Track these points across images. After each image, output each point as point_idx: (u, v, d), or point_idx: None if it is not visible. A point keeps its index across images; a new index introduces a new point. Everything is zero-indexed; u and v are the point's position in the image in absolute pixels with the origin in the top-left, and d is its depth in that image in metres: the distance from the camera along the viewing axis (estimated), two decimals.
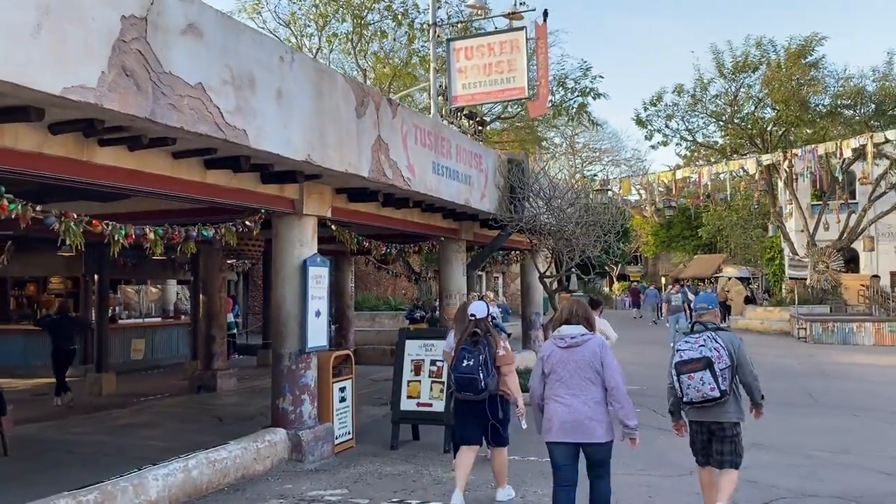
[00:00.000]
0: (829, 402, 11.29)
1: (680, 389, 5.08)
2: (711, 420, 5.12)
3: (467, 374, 5.58)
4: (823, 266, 25.41)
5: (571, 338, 4.73)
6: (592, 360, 4.65)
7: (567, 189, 11.37)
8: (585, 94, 22.92)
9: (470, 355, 5.61)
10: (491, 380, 5.61)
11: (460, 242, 11.62)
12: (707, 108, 28.74)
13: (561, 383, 4.68)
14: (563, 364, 4.69)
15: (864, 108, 25.27)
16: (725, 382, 4.98)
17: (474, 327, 5.75)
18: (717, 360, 4.98)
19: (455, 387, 5.74)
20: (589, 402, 4.61)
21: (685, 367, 5.03)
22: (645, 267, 72.14)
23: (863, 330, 21.92)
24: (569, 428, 4.62)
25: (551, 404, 4.70)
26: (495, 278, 36.59)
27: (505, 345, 5.90)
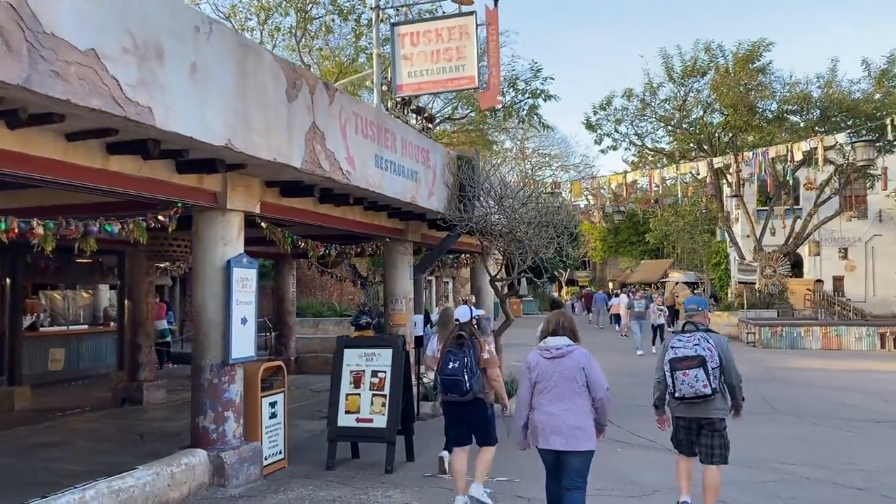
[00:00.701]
0: (786, 409, 10.93)
1: (673, 385, 5.28)
2: (701, 416, 5.36)
3: (452, 377, 5.72)
4: (771, 270, 25.51)
5: (557, 349, 4.81)
6: (577, 371, 4.73)
7: (519, 188, 10.76)
8: (536, 95, 22.48)
9: (455, 358, 5.74)
10: (476, 381, 5.73)
11: (407, 244, 10.91)
12: (656, 113, 28.67)
13: (546, 393, 4.78)
14: (548, 375, 4.79)
15: (810, 114, 25.47)
16: (716, 381, 5.24)
17: (459, 330, 5.88)
18: (710, 359, 5.24)
19: (441, 389, 5.88)
20: (573, 411, 4.69)
21: (680, 364, 5.25)
22: (593, 272, 72.55)
23: (811, 334, 21.97)
24: (551, 435, 4.72)
25: (537, 413, 4.82)
26: (445, 283, 35.93)
27: (490, 348, 5.98)
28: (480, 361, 5.83)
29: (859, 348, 21.28)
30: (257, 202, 7.22)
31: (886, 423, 9.81)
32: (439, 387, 5.91)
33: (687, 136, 28.05)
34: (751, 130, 25.74)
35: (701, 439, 5.42)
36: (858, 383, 13.87)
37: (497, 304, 16.15)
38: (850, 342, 21.51)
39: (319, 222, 8.63)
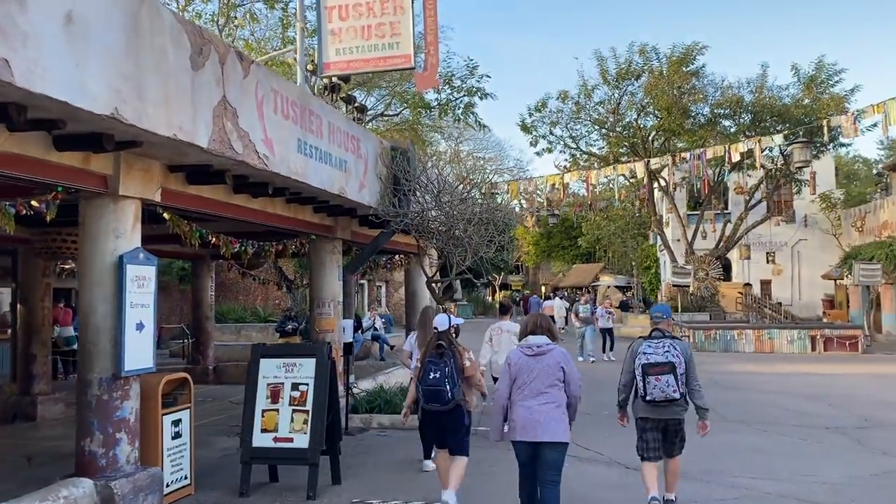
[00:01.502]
0: (733, 415, 10.50)
1: (644, 388, 5.56)
2: (668, 417, 5.67)
3: (434, 387, 5.73)
4: (703, 274, 25.58)
5: (538, 347, 5.09)
6: (555, 369, 5.02)
7: (458, 183, 10.03)
8: (472, 93, 21.87)
9: (436, 368, 5.76)
10: (457, 390, 5.78)
11: (335, 242, 10.00)
12: (590, 116, 28.50)
13: (527, 389, 5.01)
14: (529, 371, 5.04)
15: (741, 118, 25.68)
16: (683, 386, 5.56)
17: (437, 339, 5.93)
18: (679, 365, 5.53)
19: (422, 399, 5.87)
20: (552, 405, 4.95)
21: (653, 370, 5.52)
22: (526, 276, 72.71)
23: (744, 337, 22.01)
24: (529, 428, 4.92)
25: (516, 408, 5.03)
26: (378, 287, 34.97)
27: (469, 355, 6.06)
28: (463, 369, 5.89)
29: (791, 351, 21.41)
30: (158, 189, 6.22)
31: (836, 429, 9.46)
32: (420, 397, 5.91)
33: (620, 139, 27.95)
34: (683, 134, 25.78)
35: (667, 438, 5.79)
36: (799, 387, 13.67)
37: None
38: (782, 345, 21.63)
39: (234, 215, 7.65)
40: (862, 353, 20.81)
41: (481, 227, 9.96)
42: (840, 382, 14.38)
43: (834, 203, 33.29)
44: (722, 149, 18.31)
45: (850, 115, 15.17)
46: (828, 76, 24.37)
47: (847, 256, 26.49)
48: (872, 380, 14.87)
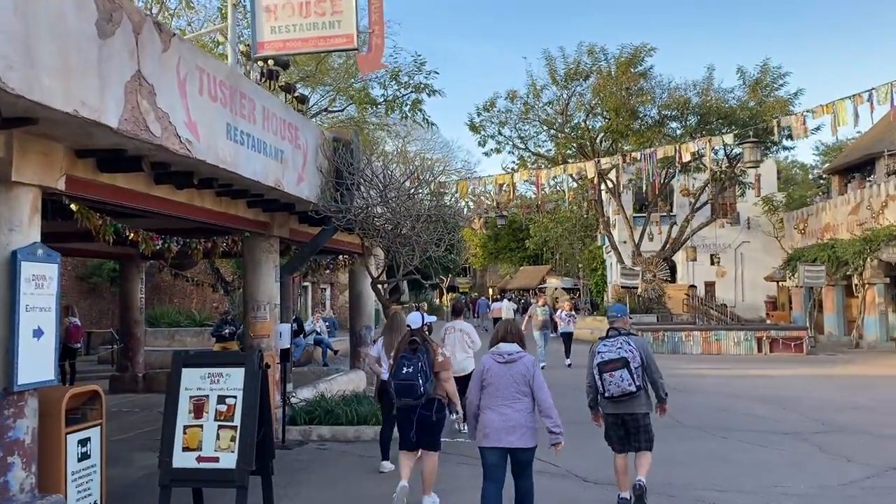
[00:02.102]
0: (690, 420, 10.16)
1: (602, 386, 5.82)
2: (626, 412, 5.88)
3: (406, 381, 5.83)
4: (651, 275, 25.53)
5: (509, 354, 5.22)
6: (525, 375, 5.16)
7: (406, 178, 9.42)
8: (420, 89, 21.26)
9: (409, 363, 5.87)
10: (430, 385, 5.88)
11: (272, 240, 9.27)
12: (539, 116, 28.22)
13: (497, 395, 5.14)
14: (499, 377, 5.17)
15: (688, 120, 25.74)
16: (639, 379, 5.79)
17: (411, 336, 6.06)
18: (632, 360, 5.77)
19: (395, 394, 5.96)
20: (521, 411, 5.09)
21: (607, 367, 5.79)
22: (474, 278, 72.45)
23: (691, 339, 21.98)
24: (503, 434, 5.05)
25: (488, 413, 5.15)
26: (322, 290, 34.04)
27: (443, 351, 6.19)
28: (435, 365, 5.98)
29: (738, 352, 21.45)
30: (61, 176, 5.43)
31: (794, 434, 9.18)
32: (393, 392, 5.99)
33: (569, 140, 27.74)
34: (631, 136, 25.70)
35: (629, 432, 5.96)
36: (751, 389, 13.48)
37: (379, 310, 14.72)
38: (728, 346, 21.66)
39: (156, 209, 6.87)
40: (806, 354, 20.98)
41: (429, 226, 9.38)
42: (790, 385, 14.27)
43: (776, 206, 33.83)
44: (672, 149, 18.16)
45: (799, 116, 15.16)
46: (773, 79, 24.60)
47: (790, 258, 26.83)
48: (821, 381, 14.82)
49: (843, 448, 8.28)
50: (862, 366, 17.95)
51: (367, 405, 9.55)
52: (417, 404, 5.86)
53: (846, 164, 28.20)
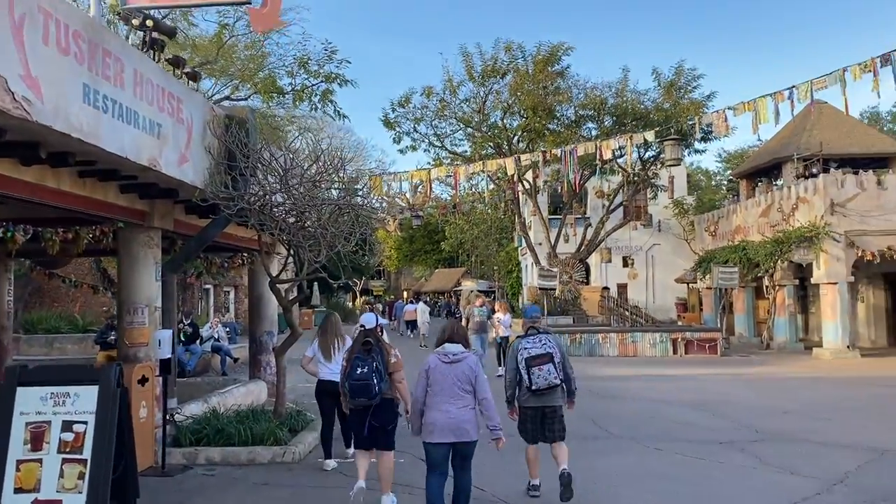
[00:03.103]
0: (619, 431, 9.46)
1: (529, 380, 6.12)
2: (547, 404, 6.23)
3: (361, 381, 5.85)
4: (567, 277, 25.17)
5: (454, 354, 5.48)
6: (469, 374, 5.43)
7: (311, 162, 8.29)
8: (331, 79, 20.05)
9: (363, 363, 5.90)
10: (384, 385, 5.93)
11: (151, 232, 7.97)
12: (455, 114, 27.47)
13: (443, 393, 5.39)
14: (444, 376, 5.42)
15: (604, 121, 25.55)
16: (561, 373, 6.21)
17: (365, 337, 6.07)
18: (555, 355, 6.18)
19: (349, 394, 5.95)
20: (464, 408, 5.36)
21: (535, 361, 6.12)
22: (388, 281, 71.29)
23: (608, 341, 21.65)
24: (448, 431, 5.31)
25: (433, 411, 5.38)
26: (226, 292, 32.17)
27: (395, 352, 6.24)
28: (389, 365, 6.05)
29: (654, 354, 21.28)
30: None
31: (731, 444, 8.60)
32: (347, 393, 5.98)
33: (486, 138, 27.10)
34: (548, 136, 25.29)
35: (545, 424, 6.29)
36: (675, 393, 13.02)
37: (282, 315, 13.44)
38: (644, 348, 21.46)
39: None
40: (720, 355, 21.00)
41: (338, 218, 8.31)
42: (712, 387, 13.93)
43: (686, 209, 34.32)
44: (593, 146, 17.71)
45: (721, 113, 14.94)
46: (687, 81, 24.71)
47: (702, 260, 27.06)
48: (741, 384, 14.57)
49: (784, 459, 7.72)
50: (776, 367, 17.97)
51: (264, 422, 8.39)
52: (372, 404, 5.92)
53: (754, 168, 28.68)
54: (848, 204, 20.03)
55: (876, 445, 8.35)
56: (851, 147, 25.04)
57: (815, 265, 20.47)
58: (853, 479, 6.88)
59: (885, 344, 23.22)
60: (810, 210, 20.71)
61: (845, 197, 20.09)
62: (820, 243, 20.01)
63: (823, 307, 20.74)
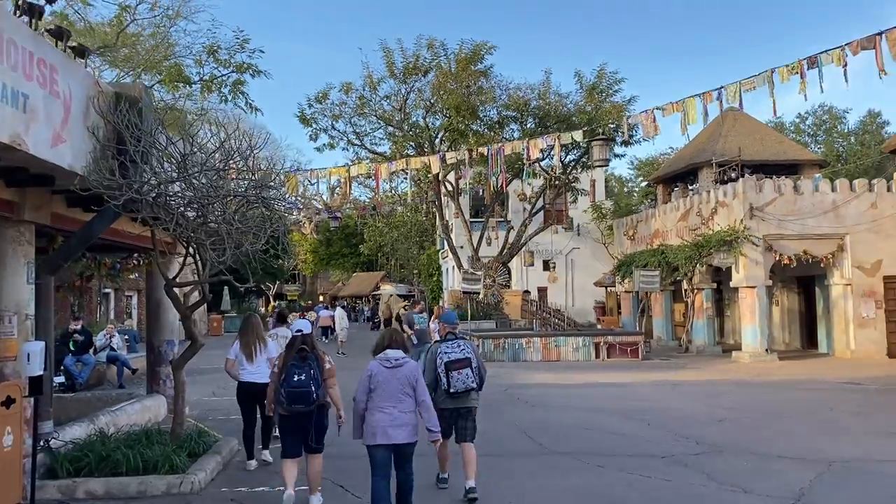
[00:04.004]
0: (555, 445, 8.82)
1: (448, 383, 6.45)
2: (463, 405, 6.59)
3: (300, 388, 5.95)
4: (490, 280, 24.64)
5: (396, 360, 5.64)
6: (410, 379, 5.62)
7: (215, 149, 7.26)
8: (242, 70, 18.79)
9: (300, 370, 6.01)
10: (321, 391, 6.08)
11: (23, 227, 6.77)
12: (376, 111, 26.57)
13: (386, 397, 5.54)
14: (387, 381, 5.57)
15: (527, 122, 25.20)
16: (477, 377, 6.57)
17: (301, 343, 6.14)
18: (473, 360, 6.55)
19: (286, 401, 5.98)
20: (406, 411, 5.57)
21: (454, 366, 6.47)
22: (303, 285, 69.38)
23: (532, 346, 21.20)
24: (391, 432, 5.47)
25: (377, 414, 5.52)
26: (128, 297, 30.11)
27: (329, 359, 6.35)
28: (324, 371, 6.15)
29: (577, 358, 20.96)
30: None
31: (674, 458, 8.07)
32: (283, 399, 6.00)
33: (407, 138, 26.30)
34: (471, 136, 24.72)
35: (459, 423, 6.57)
36: (607, 401, 12.55)
37: None
38: (568, 353, 21.12)
39: None
40: (642, 359, 20.89)
41: (246, 212, 7.32)
42: (641, 394, 13.57)
43: (605, 213, 34.53)
44: (521, 144, 17.17)
45: (650, 113, 14.67)
46: (608, 85, 24.65)
47: (621, 264, 27.10)
48: (668, 389, 14.28)
49: (733, 475, 7.23)
50: (698, 371, 17.91)
51: (159, 446, 7.29)
52: (310, 410, 6.01)
53: (671, 174, 29.03)
54: (766, 208, 20.28)
55: (821, 456, 8.01)
56: (764, 154, 25.62)
57: (735, 269, 20.63)
58: (810, 497, 6.44)
59: (799, 346, 23.75)
60: (730, 214, 20.88)
61: (764, 201, 20.33)
62: (739, 247, 20.18)
63: (742, 310, 20.94)
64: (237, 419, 9.61)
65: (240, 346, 7.82)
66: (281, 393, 5.98)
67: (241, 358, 7.79)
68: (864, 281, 20.13)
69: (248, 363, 7.76)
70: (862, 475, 7.26)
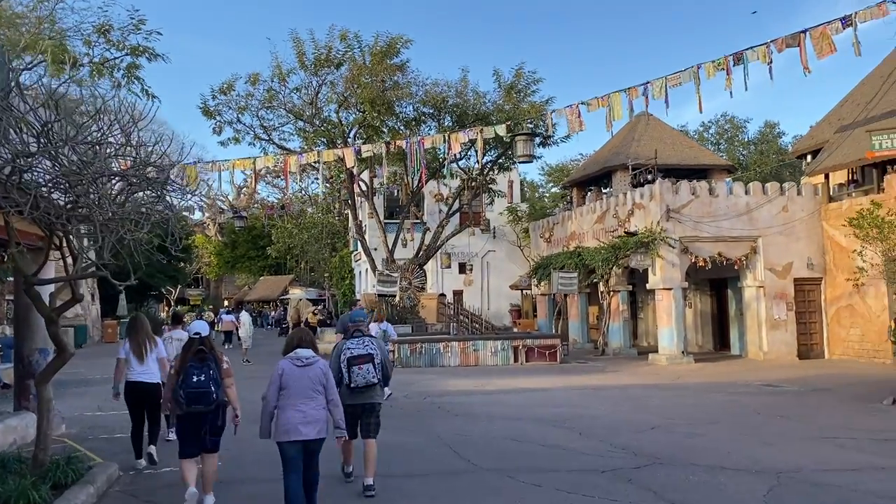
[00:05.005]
0: (485, 461, 7.98)
1: (349, 377, 6.63)
2: (365, 401, 6.79)
3: (200, 389, 5.98)
4: (406, 283, 23.73)
5: (307, 359, 5.78)
6: (320, 377, 5.77)
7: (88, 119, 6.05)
8: (138, 52, 17.17)
9: (200, 371, 6.02)
10: (220, 392, 6.10)
11: None
12: (285, 104, 25.20)
13: (297, 395, 5.67)
14: (298, 379, 5.71)
15: (445, 120, 24.47)
16: (380, 373, 6.76)
17: (199, 345, 6.13)
18: (376, 356, 6.73)
19: (185, 401, 5.99)
20: (316, 408, 5.70)
21: (356, 361, 6.66)
22: (207, 290, 66.41)
23: (449, 350, 20.42)
24: (302, 428, 5.60)
25: (288, 412, 5.63)
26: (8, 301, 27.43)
27: (226, 359, 6.42)
28: (222, 372, 6.19)
29: (495, 363, 20.33)
30: None
31: (615, 473, 7.38)
32: (182, 399, 5.96)
33: (319, 133, 25.05)
34: (387, 132, 23.77)
35: (363, 420, 6.86)
36: (531, 408, 11.88)
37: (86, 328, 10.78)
38: (486, 357, 20.45)
39: None
40: (560, 362, 20.48)
41: (126, 197, 6.16)
42: (566, 400, 12.97)
43: (520, 216, 34.26)
44: (441, 138, 16.36)
45: (574, 108, 14.15)
46: (526, 84, 24.23)
47: (537, 266, 26.76)
48: (592, 395, 13.75)
49: (683, 491, 6.60)
50: (618, 374, 17.58)
51: (14, 479, 6.00)
52: (209, 411, 6.04)
53: (586, 177, 28.97)
54: (682, 210, 20.25)
55: (766, 467, 7.52)
56: (676, 158, 25.85)
57: (651, 271, 20.51)
58: None
59: (711, 349, 23.96)
60: (647, 216, 20.76)
61: (680, 203, 20.31)
62: (656, 249, 20.06)
63: (659, 313, 20.85)
64: (123, 438, 8.45)
65: (130, 345, 7.80)
66: (180, 394, 5.99)
67: (132, 357, 7.77)
68: (776, 283, 20.39)
69: (139, 363, 7.76)
70: (813, 487, 6.77)
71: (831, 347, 20.53)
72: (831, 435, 9.41)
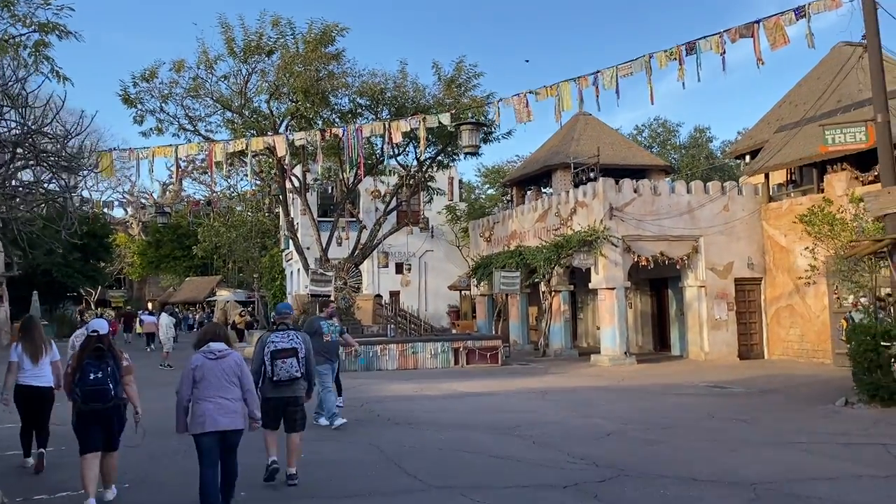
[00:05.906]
0: (431, 476, 7.15)
1: (272, 371, 6.69)
2: (289, 395, 6.81)
3: (98, 386, 5.94)
4: (342, 283, 22.66)
5: (220, 351, 5.81)
6: (235, 368, 5.80)
7: None
8: (47, 30, 15.67)
9: (97, 368, 5.95)
10: (119, 389, 6.09)
11: None
12: (212, 93, 23.79)
13: (212, 387, 5.68)
14: (212, 371, 5.72)
15: (382, 112, 23.50)
16: (304, 367, 6.82)
17: (97, 342, 6.07)
18: (300, 350, 6.80)
19: (82, 399, 5.95)
20: (233, 400, 5.72)
21: (280, 355, 6.72)
22: (130, 291, 63.46)
23: (387, 353, 19.52)
24: (218, 418, 5.60)
25: (204, 404, 5.65)
26: None
27: (126, 356, 6.39)
28: (121, 369, 6.15)
29: (435, 365, 19.55)
30: None
31: (578, 488, 6.65)
32: (79, 397, 5.95)
33: (248, 124, 23.72)
34: (322, 124, 22.65)
35: (287, 413, 6.85)
36: (477, 414, 11.12)
37: None
38: (425, 360, 19.66)
39: None
40: (501, 364, 19.85)
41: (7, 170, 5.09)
42: (514, 405, 12.27)
43: (459, 215, 33.60)
44: (382, 126, 15.44)
45: (522, 97, 13.47)
46: (467, 78, 23.51)
47: (477, 266, 26.12)
48: (539, 399, 13.09)
49: None
50: (562, 376, 17.02)
51: None
52: (107, 408, 6.00)
53: (526, 176, 28.54)
54: (625, 209, 19.90)
55: (740, 478, 6.92)
56: (616, 157, 25.65)
57: (594, 270, 20.09)
58: None
59: (652, 349, 23.76)
60: (589, 214, 20.33)
61: (623, 202, 19.95)
62: (599, 248, 19.64)
63: (601, 313, 20.45)
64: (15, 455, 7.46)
65: (23, 347, 7.46)
66: (76, 392, 5.95)
67: (25, 359, 7.44)
68: (717, 283, 20.25)
69: (32, 365, 7.44)
70: (795, 500, 6.20)
71: (771, 347, 20.52)
72: (794, 440, 8.95)
